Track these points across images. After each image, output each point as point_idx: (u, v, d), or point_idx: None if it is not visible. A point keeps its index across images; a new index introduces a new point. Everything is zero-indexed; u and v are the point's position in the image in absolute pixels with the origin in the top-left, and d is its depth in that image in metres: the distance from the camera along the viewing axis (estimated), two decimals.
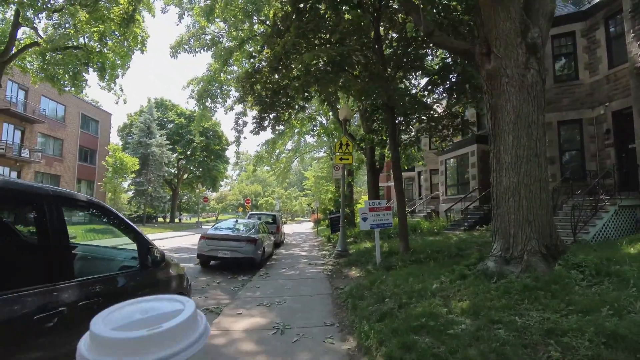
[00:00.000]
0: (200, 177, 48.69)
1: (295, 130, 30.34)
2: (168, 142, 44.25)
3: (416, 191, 34.52)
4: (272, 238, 15.36)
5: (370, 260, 10.79)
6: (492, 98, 6.57)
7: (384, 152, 19.94)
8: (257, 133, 13.09)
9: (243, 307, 6.67)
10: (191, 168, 49.81)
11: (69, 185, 37.76)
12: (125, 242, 3.86)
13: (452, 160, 25.34)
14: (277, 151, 36.42)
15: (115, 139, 53.16)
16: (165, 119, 47.39)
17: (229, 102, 20.17)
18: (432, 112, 14.32)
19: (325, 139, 40.14)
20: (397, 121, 13.04)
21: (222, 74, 18.19)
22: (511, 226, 6.25)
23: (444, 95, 14.68)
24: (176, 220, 60.52)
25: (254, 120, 12.01)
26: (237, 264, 11.57)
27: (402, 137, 16.42)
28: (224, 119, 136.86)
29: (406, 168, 36.25)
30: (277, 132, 15.80)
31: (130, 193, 42.83)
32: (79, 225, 11.53)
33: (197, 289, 8.91)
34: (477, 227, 18.41)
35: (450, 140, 17.11)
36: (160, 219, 57.15)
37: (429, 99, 15.76)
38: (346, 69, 9.81)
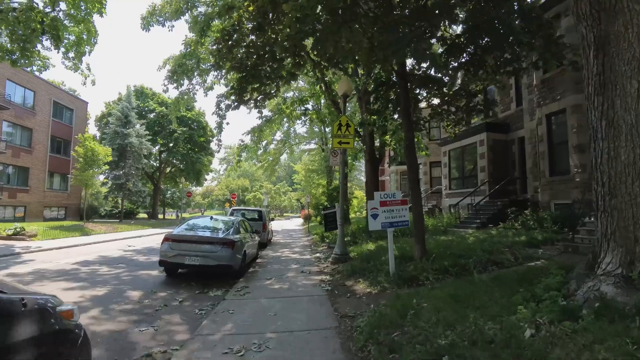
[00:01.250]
0: (183, 171, 45.87)
1: (284, 120, 27.92)
2: (148, 132, 41.37)
3: None
4: (256, 238, 12.91)
5: (380, 268, 8.42)
6: (600, 24, 4.15)
7: (385, 140, 17.55)
8: (236, 107, 10.57)
9: (201, 357, 4.23)
10: (174, 161, 46.89)
11: (39, 179, 34.93)
12: None
13: (456, 151, 23.10)
14: (265, 142, 33.95)
15: (93, 130, 50.27)
16: (145, 108, 44.42)
17: (209, 80, 17.62)
18: (445, 88, 12.10)
19: (316, 129, 37.74)
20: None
21: (199, 47, 15.58)
22: (638, 226, 3.87)
23: (464, 67, 12.32)
24: (160, 216, 57.72)
25: (232, 91, 9.47)
26: (210, 273, 9.12)
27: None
28: (209, 108, 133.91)
29: (398, 160, 34.17)
30: (261, 108, 13.22)
31: (108, 187, 39.88)
32: None
33: (149, 312, 6.46)
34: (491, 224, 16.20)
35: (466, 124, 14.81)
36: (142, 215, 54.27)
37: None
38: (354, 17, 7.37)
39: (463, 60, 11.75)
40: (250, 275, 9.60)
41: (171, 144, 45.21)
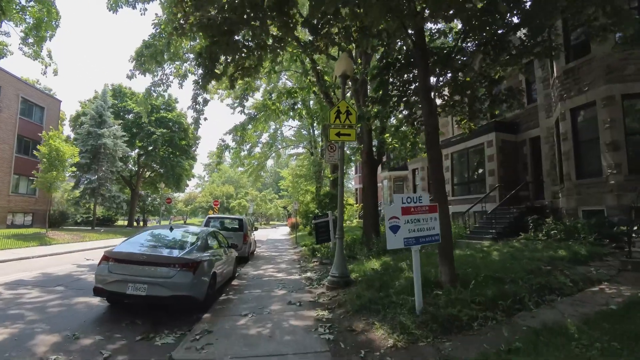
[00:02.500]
0: (163, 176, 43.03)
1: (270, 120, 25.61)
2: (125, 134, 38.55)
3: (410, 192, 30.05)
4: (233, 253, 10.45)
5: (399, 300, 6.08)
6: None
7: (384, 138, 15.29)
8: (203, 86, 8.14)
9: None
10: (153, 165, 43.99)
11: (3, 182, 31.96)
12: None
13: (460, 153, 20.95)
14: (249, 145, 31.54)
15: (68, 131, 47.24)
16: (123, 108, 41.58)
17: (183, 68, 15.17)
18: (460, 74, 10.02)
19: (305, 132, 35.40)
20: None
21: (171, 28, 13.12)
22: None
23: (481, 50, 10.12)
24: (140, 223, 54.58)
25: (200, 61, 7.02)
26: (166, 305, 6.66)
27: (415, 111, 11.96)
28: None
29: (387, 164, 31.84)
30: (239, 87, 10.79)
31: (79, 191, 36.86)
32: None
33: None
34: (508, 235, 14.04)
35: (485, 116, 12.65)
36: (121, 222, 51.17)
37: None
38: None
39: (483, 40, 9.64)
40: (221, 306, 7.11)
41: (150, 147, 42.38)
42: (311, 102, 17.02)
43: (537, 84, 17.14)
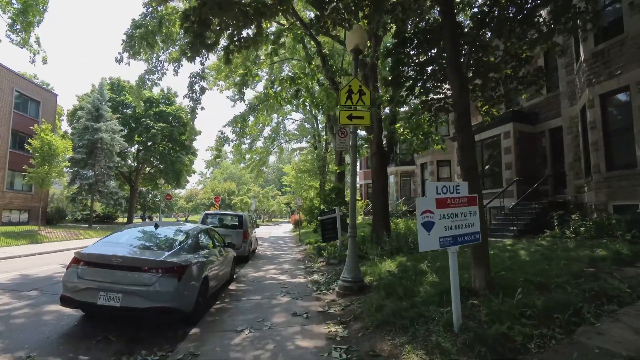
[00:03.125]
0: (162, 172, 41.90)
1: (272, 111, 24.54)
2: (122, 128, 37.44)
3: (418, 188, 28.90)
4: (231, 253, 9.34)
5: (427, 311, 4.97)
6: None
7: (395, 129, 14.15)
8: (191, 58, 6.94)
9: None
10: (152, 160, 42.85)
11: None
12: None
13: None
14: (250, 138, 30.43)
15: (65, 126, 46.21)
16: (121, 102, 40.42)
17: (177, 49, 14.02)
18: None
19: (308, 126, 34.26)
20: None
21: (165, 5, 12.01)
22: None
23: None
24: (139, 220, 53.47)
25: (186, 27, 5.85)
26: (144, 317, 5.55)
27: (433, 96, 10.88)
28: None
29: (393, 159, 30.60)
30: (239, 76, 9.59)
31: (75, 187, 35.76)
32: None
33: None
34: (531, 232, 12.93)
35: (504, 103, 11.57)
36: (121, 219, 50.13)
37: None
38: None
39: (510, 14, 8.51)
40: (213, 318, 5.98)
41: (149, 142, 41.26)
42: (315, 93, 15.83)
43: (560, 70, 15.92)
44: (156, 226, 6.84)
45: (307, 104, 15.32)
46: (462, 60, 6.92)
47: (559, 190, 16.12)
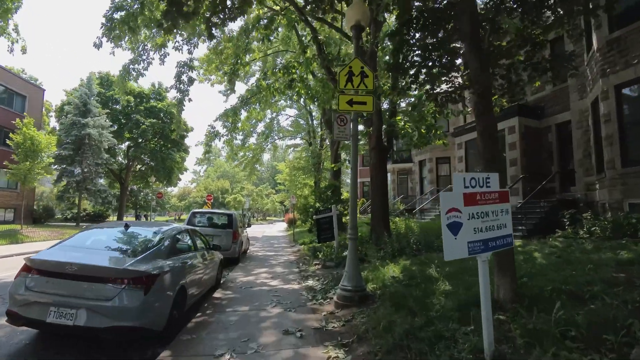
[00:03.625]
0: (153, 169, 40.73)
1: (265, 106, 23.58)
2: (111, 124, 36.26)
3: (415, 186, 28.05)
4: (217, 257, 8.41)
5: (448, 330, 4.08)
6: None
7: (396, 121, 13.28)
8: (169, 30, 5.94)
9: None
10: (144, 157, 41.67)
11: None
12: None
13: (476, 142, 18.90)
14: (243, 135, 29.47)
15: (54, 122, 45.04)
16: (111, 97, 39.18)
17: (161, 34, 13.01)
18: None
19: (302, 121, 33.29)
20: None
21: None
22: None
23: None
24: (142, 219, 52.25)
25: None
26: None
27: (441, 87, 10.04)
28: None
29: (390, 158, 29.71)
30: (220, 27, 8.56)
31: (62, 185, 34.58)
32: None
33: None
34: (541, 232, 12.11)
35: (523, 88, 10.67)
36: (112, 218, 48.90)
37: None
38: None
39: None
40: (189, 337, 5.02)
41: (140, 139, 40.09)
42: (310, 84, 14.90)
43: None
44: (126, 226, 5.89)
45: (301, 95, 14.36)
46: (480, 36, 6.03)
47: (566, 187, 15.33)
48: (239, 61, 13.25)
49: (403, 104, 15.90)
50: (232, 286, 8.59)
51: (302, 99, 30.79)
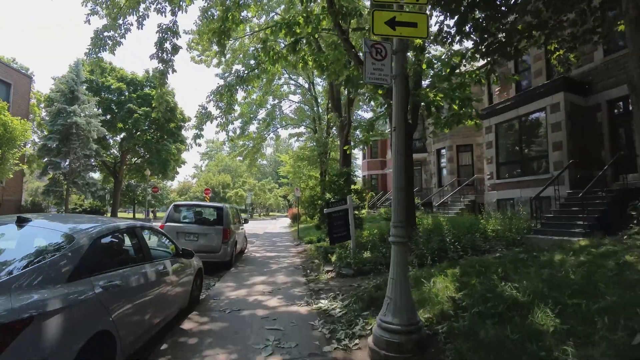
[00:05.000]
0: (148, 161, 38.18)
1: (268, 101, 21.23)
2: (101, 112, 33.81)
3: (431, 178, 25.49)
4: (191, 267, 5.90)
5: None
6: None
7: (424, 93, 10.74)
8: None
9: None
10: (138, 149, 39.10)
11: None
12: None
13: (509, 124, 16.35)
14: (242, 121, 27.04)
15: (45, 113, 42.56)
16: (102, 85, 36.69)
17: None
18: None
19: (306, 108, 30.73)
20: None
21: None
22: None
23: None
24: (150, 215, 49.79)
25: None
26: None
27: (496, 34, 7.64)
28: (180, 88, 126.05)
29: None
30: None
31: (47, 178, 32.21)
32: None
33: None
34: (607, 228, 9.57)
35: (605, 37, 8.21)
36: (108, 215, 46.57)
37: None
38: None
39: None
40: None
41: (133, 130, 37.59)
42: (317, 56, 12.36)
43: (626, 27, 12.49)
44: (20, 222, 3.42)
45: (307, 63, 11.78)
46: None
47: (615, 177, 12.78)
48: (229, 16, 10.70)
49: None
50: (213, 306, 6.11)
51: (305, 83, 28.25)
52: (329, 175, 13.33)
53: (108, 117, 36.86)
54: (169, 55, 12.73)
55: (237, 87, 15.71)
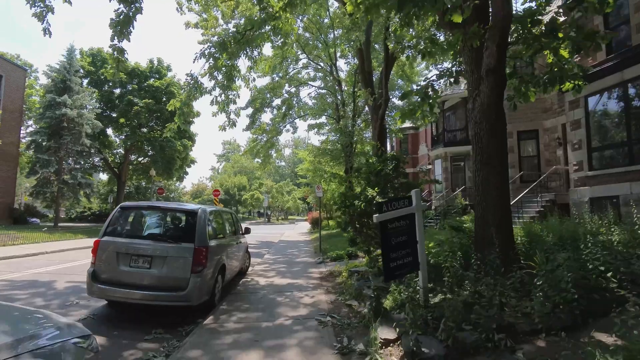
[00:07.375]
0: (152, 160, 34.48)
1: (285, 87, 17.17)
2: (98, 105, 30.22)
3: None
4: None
5: None
6: None
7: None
8: None
9: None
10: (142, 146, 35.46)
11: None
12: None
13: (607, 96, 11.83)
14: (247, 100, 23.07)
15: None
16: (103, 76, 33.16)
17: None
18: None
19: (328, 97, 26.54)
20: None
21: None
22: None
23: None
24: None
25: None
26: None
27: None
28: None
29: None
30: None
31: (35, 178, 28.70)
32: None
33: None
34: None
35: None
36: None
37: None
38: None
39: None
40: None
41: (136, 126, 33.97)
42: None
43: None
44: None
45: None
46: None
47: None
48: None
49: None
50: None
51: (327, 66, 23.85)
52: (371, 163, 8.89)
53: (113, 114, 33.50)
54: None
55: (240, 51, 11.64)
